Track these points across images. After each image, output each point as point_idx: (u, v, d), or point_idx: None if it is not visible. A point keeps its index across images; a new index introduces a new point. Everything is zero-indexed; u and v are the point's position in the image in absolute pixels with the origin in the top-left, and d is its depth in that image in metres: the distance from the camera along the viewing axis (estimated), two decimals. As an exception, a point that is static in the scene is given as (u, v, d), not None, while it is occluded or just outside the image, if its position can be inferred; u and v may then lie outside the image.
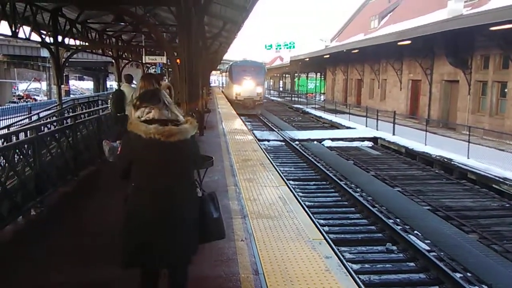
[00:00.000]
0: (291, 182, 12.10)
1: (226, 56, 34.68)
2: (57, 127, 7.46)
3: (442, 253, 7.37)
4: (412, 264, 7.16)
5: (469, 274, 6.63)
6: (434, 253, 7.34)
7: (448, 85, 21.97)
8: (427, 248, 7.56)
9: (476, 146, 14.16)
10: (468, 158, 13.17)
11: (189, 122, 2.75)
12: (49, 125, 7.71)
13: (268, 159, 9.30)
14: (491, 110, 18.31)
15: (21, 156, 5.32)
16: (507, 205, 10.37)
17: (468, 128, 15.08)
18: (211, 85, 39.85)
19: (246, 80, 29.60)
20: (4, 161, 4.94)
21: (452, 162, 13.28)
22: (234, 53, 76.61)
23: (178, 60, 5.36)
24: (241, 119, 19.51)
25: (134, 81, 10.53)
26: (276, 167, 11.79)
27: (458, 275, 6.53)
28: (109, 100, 7.75)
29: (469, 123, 18.17)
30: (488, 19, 14.54)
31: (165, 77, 18.63)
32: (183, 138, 2.65)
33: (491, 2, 17.94)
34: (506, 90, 17.52)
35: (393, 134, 18.57)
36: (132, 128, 2.64)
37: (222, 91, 43.90)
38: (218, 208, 2.99)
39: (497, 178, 11.30)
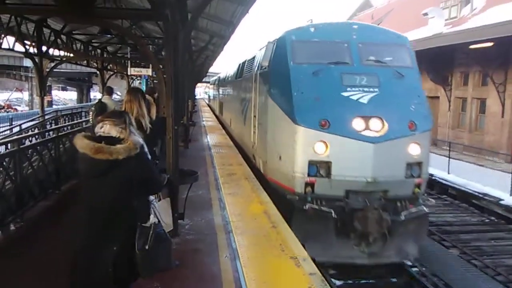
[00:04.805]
0: (276, 196, 12.08)
1: (212, 69, 34.32)
2: (39, 139, 7.35)
3: (424, 269, 7.45)
4: (394, 280, 7.21)
5: (450, 289, 6.72)
6: (416, 269, 7.41)
7: (429, 101, 22.29)
8: (409, 263, 7.63)
9: (456, 162, 14.44)
10: (448, 173, 13.42)
11: (127, 143, 2.63)
12: (31, 138, 7.58)
13: (253, 173, 9.30)
14: (471, 126, 18.74)
15: (2, 169, 5.23)
16: (487, 220, 10.57)
17: (449, 143, 15.40)
18: (196, 98, 39.62)
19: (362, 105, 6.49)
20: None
21: (433, 177, 13.49)
22: (226, 56, 77.18)
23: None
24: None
25: (118, 93, 10.47)
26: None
27: (439, 290, 6.61)
28: (90, 112, 7.65)
29: (450, 138, 18.54)
30: (468, 38, 14.99)
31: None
32: (112, 158, 2.55)
33: (470, 20, 18.51)
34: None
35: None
36: (74, 141, 2.70)
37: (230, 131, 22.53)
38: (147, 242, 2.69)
39: (476, 194, 11.53)
